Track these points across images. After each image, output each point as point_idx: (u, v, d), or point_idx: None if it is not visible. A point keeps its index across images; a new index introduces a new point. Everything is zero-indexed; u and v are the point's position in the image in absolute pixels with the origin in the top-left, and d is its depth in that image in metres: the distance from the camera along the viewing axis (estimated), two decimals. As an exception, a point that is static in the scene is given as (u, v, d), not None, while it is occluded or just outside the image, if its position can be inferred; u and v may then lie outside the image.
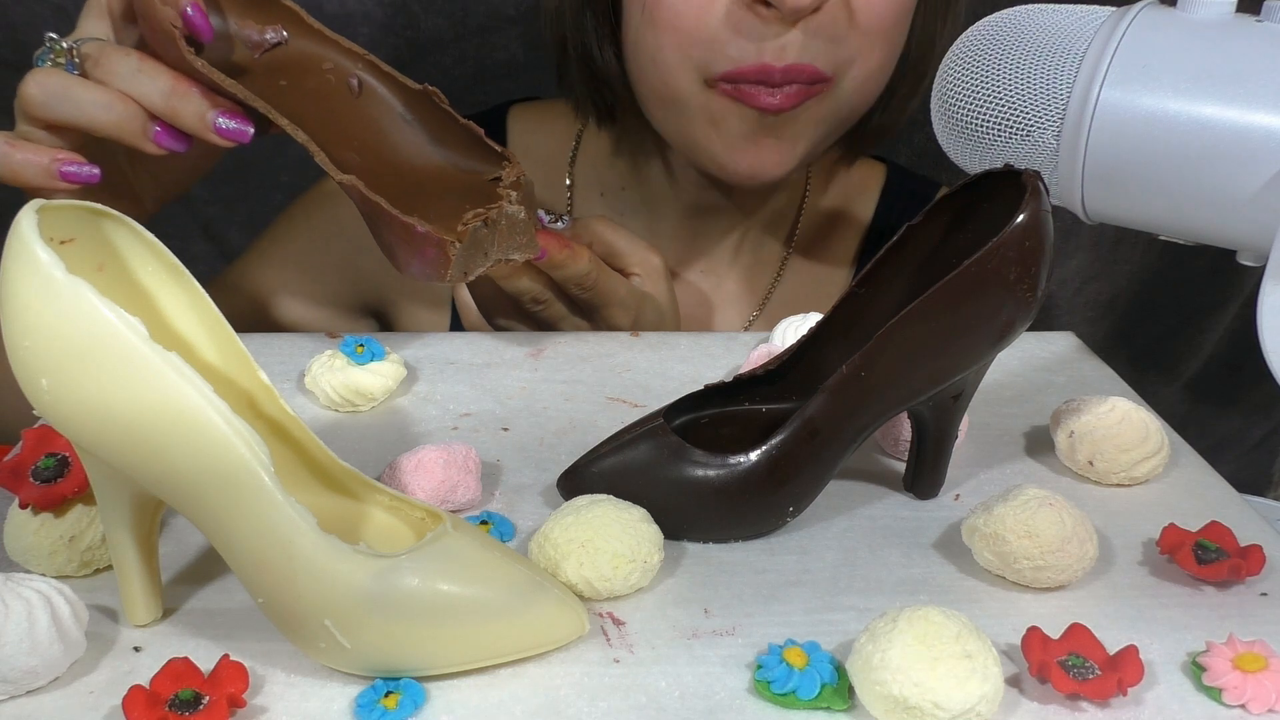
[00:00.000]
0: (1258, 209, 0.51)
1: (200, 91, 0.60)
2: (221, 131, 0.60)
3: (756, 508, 0.50)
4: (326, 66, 0.64)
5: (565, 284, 0.68)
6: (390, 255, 0.59)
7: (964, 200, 0.52)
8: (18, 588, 0.41)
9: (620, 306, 0.71)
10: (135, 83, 0.60)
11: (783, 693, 0.41)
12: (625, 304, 0.71)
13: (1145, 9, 0.55)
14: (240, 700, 0.39)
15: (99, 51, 0.60)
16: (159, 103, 0.60)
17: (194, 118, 0.60)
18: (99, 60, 0.60)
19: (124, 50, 0.60)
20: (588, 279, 0.68)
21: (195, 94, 0.60)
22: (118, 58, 0.60)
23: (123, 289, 0.43)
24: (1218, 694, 0.42)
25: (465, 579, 0.42)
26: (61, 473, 0.47)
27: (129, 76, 0.60)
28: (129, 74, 0.60)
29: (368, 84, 0.64)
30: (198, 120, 0.60)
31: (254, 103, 0.59)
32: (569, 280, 0.68)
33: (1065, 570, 0.47)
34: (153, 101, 0.60)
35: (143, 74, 0.60)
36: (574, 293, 0.69)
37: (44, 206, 0.39)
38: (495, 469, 0.56)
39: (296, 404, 0.61)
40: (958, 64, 0.60)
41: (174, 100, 0.59)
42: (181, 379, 0.39)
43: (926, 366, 0.50)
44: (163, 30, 0.59)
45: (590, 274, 0.68)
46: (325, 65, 0.64)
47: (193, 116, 0.60)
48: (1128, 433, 0.56)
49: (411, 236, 0.56)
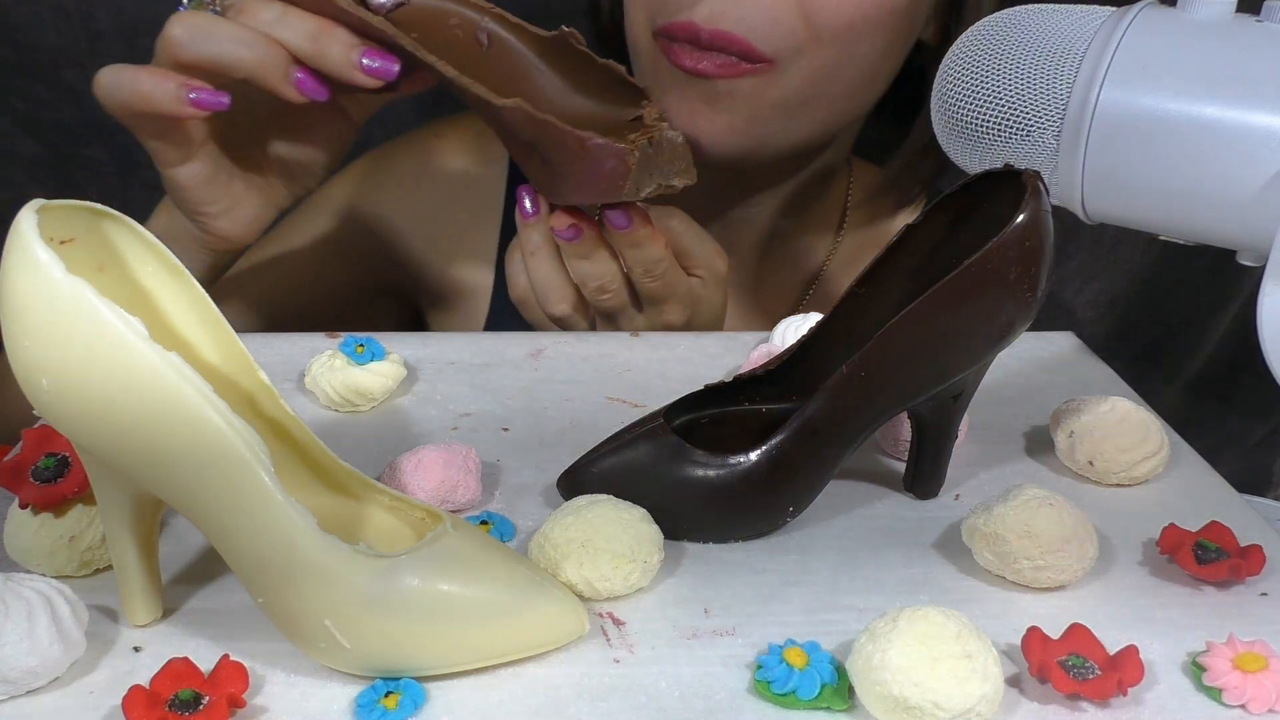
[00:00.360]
0: (1258, 209, 0.51)
1: (345, 32, 0.60)
2: (368, 70, 0.61)
3: (756, 508, 0.50)
4: (453, 22, 0.64)
5: (635, 268, 0.66)
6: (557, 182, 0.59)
7: (964, 200, 0.52)
8: (18, 588, 0.41)
9: (679, 303, 0.70)
10: (280, 26, 0.60)
11: (783, 693, 0.41)
12: (684, 302, 0.70)
13: (1145, 9, 0.55)
14: (240, 700, 0.39)
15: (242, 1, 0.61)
16: (305, 45, 0.60)
17: (340, 58, 0.60)
18: (243, 7, 0.61)
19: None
20: (659, 266, 0.67)
21: (341, 34, 0.60)
22: (259, 4, 0.61)
23: (123, 289, 0.43)
24: (1218, 694, 0.42)
25: (465, 579, 0.42)
26: (61, 473, 0.47)
27: (274, 21, 0.60)
28: (274, 19, 0.61)
29: (496, 36, 0.64)
30: (344, 60, 0.60)
31: (402, 40, 0.59)
32: (641, 263, 0.66)
33: (1065, 570, 0.47)
34: (298, 44, 0.60)
35: (287, 18, 0.60)
36: (642, 280, 0.67)
37: (44, 206, 0.39)
38: (495, 469, 0.56)
39: (296, 404, 0.61)
40: (958, 64, 0.60)
41: (320, 41, 0.60)
42: (181, 379, 0.39)
43: (926, 366, 0.50)
44: None
45: (663, 262, 0.67)
46: (451, 21, 0.64)
47: (339, 57, 0.60)
48: (1128, 433, 0.56)
49: (587, 151, 0.56)
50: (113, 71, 0.61)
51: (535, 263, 0.68)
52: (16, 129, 1.02)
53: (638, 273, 0.67)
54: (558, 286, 0.68)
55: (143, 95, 0.60)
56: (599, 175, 0.57)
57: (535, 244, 0.67)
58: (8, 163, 1.03)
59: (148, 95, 0.60)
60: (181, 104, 0.60)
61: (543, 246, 0.67)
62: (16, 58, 0.98)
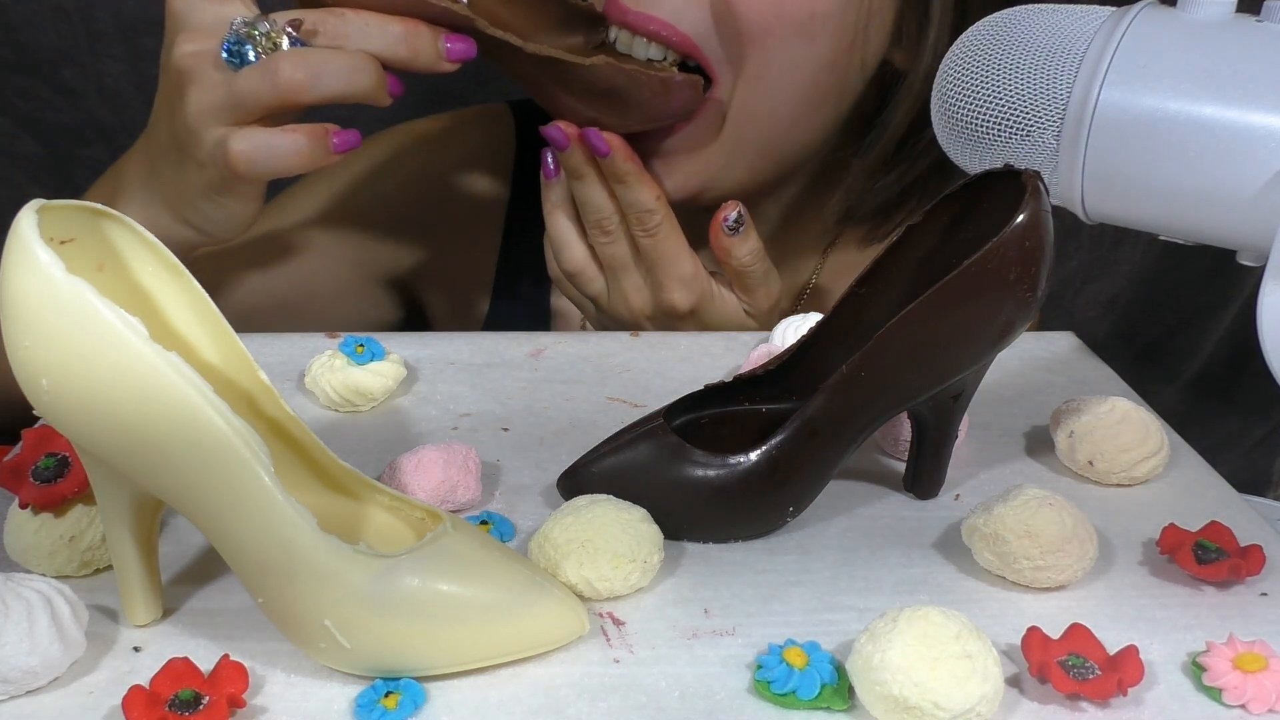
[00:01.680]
0: (1258, 209, 0.51)
1: (426, 25, 0.60)
2: (452, 55, 0.61)
3: (756, 508, 0.50)
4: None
5: (629, 214, 0.69)
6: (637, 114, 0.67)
7: (964, 200, 0.52)
8: (18, 588, 0.41)
9: (681, 283, 0.71)
10: (369, 38, 0.59)
11: (783, 693, 0.41)
12: (687, 283, 0.71)
13: (1145, 9, 0.55)
14: (240, 700, 0.39)
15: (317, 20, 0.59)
16: (400, 50, 0.60)
17: (430, 53, 0.60)
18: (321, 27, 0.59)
19: (334, 11, 0.60)
20: (650, 218, 0.69)
21: (425, 29, 0.60)
22: (336, 20, 0.59)
23: (123, 289, 0.43)
24: (1218, 694, 0.42)
25: (465, 579, 0.42)
26: (61, 473, 0.47)
27: (360, 34, 0.59)
28: (359, 31, 0.59)
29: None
30: (433, 54, 0.60)
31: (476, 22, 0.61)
32: (632, 208, 0.69)
33: (1065, 570, 0.47)
34: (394, 51, 0.60)
35: (372, 27, 0.59)
36: (636, 233, 0.70)
37: (44, 206, 0.39)
38: (495, 469, 0.56)
39: (296, 404, 0.61)
40: (957, 64, 0.60)
41: (412, 42, 0.60)
42: (181, 379, 0.39)
43: (926, 366, 0.50)
44: None
45: (655, 214, 0.69)
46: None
47: (429, 52, 0.60)
48: (1128, 433, 0.56)
49: (669, 87, 0.67)
50: (249, 138, 0.59)
51: (554, 219, 0.72)
52: (16, 129, 1.02)
53: (631, 222, 0.70)
54: (571, 240, 0.73)
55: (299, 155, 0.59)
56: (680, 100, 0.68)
57: (555, 201, 0.72)
58: (8, 163, 1.03)
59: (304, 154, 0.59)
60: (330, 154, 0.60)
61: (561, 204, 0.72)
62: (16, 58, 0.98)
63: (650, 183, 0.69)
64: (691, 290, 0.71)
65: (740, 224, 0.69)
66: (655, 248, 0.70)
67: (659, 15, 0.69)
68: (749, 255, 0.70)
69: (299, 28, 0.59)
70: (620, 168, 0.68)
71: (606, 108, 0.67)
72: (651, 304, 0.73)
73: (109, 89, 1.01)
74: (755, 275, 0.71)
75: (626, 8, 0.69)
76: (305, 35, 0.59)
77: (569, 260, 0.73)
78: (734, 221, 0.69)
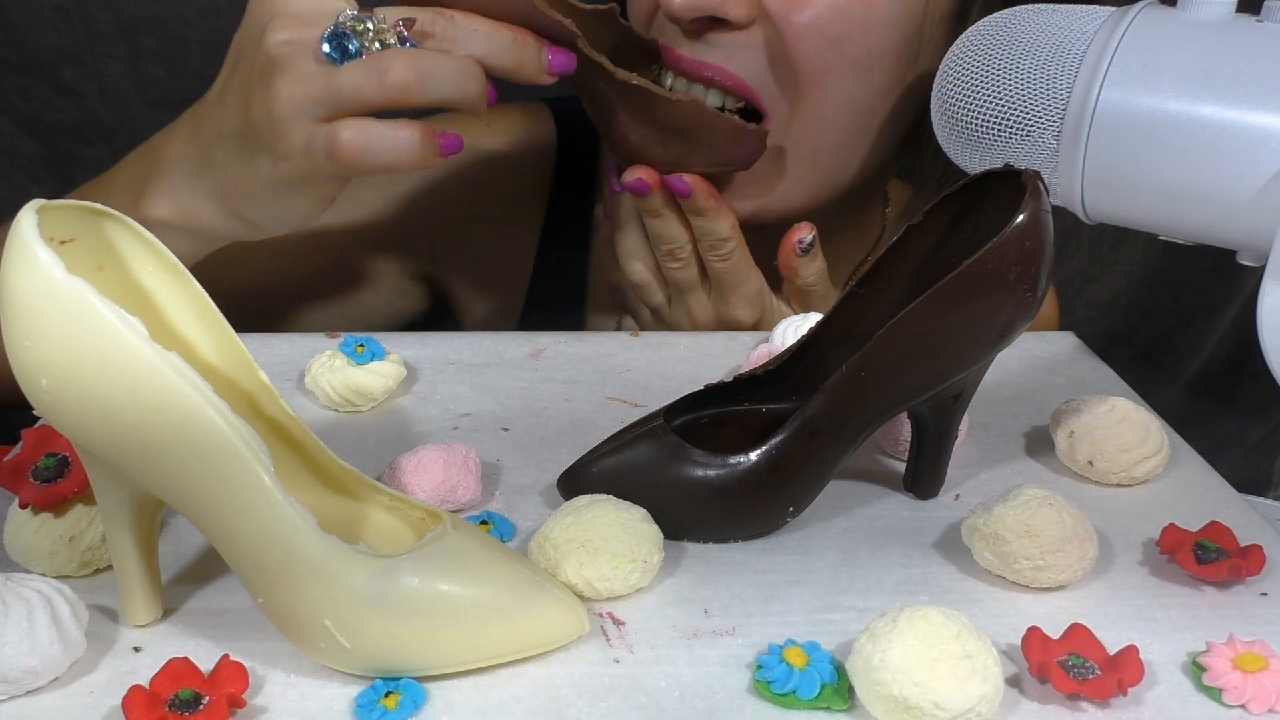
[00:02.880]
0: (1258, 209, 0.51)
1: (533, 35, 0.59)
2: (554, 68, 0.60)
3: (756, 508, 0.50)
4: None
5: (703, 241, 0.69)
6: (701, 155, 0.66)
7: (964, 200, 0.52)
8: (18, 588, 0.41)
9: (748, 301, 0.71)
10: (478, 43, 0.59)
11: (783, 693, 0.41)
12: (753, 300, 0.71)
13: (1145, 9, 0.55)
14: (240, 700, 0.39)
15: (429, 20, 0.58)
16: (506, 58, 0.59)
17: (535, 63, 0.59)
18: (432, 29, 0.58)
19: (445, 13, 0.59)
20: (725, 245, 0.69)
21: (532, 39, 0.59)
22: (446, 22, 0.59)
23: (123, 289, 0.43)
24: (1218, 694, 0.42)
25: (465, 579, 0.42)
26: (61, 473, 0.47)
27: (469, 39, 0.59)
28: (468, 36, 0.59)
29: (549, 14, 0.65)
30: (537, 65, 0.60)
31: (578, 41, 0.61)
32: (707, 237, 0.69)
33: (1065, 570, 0.47)
34: (500, 58, 0.59)
35: (481, 33, 0.59)
36: (709, 257, 0.70)
37: (44, 206, 0.39)
38: (495, 469, 0.56)
39: (296, 404, 0.61)
40: (957, 64, 0.60)
41: (518, 50, 0.59)
42: (181, 379, 0.39)
43: (926, 366, 0.50)
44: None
45: (730, 241, 0.69)
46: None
47: (534, 63, 0.59)
48: (1128, 433, 0.56)
49: (742, 135, 0.66)
50: (358, 131, 0.58)
51: (622, 233, 0.72)
52: (16, 129, 1.02)
53: (704, 247, 0.70)
54: (639, 253, 0.73)
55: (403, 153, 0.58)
56: (743, 151, 0.67)
57: (623, 216, 0.72)
58: (8, 163, 1.03)
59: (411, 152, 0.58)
60: (435, 154, 0.59)
61: (630, 219, 0.72)
62: (16, 58, 0.98)
63: (727, 212, 0.69)
64: (756, 307, 0.72)
65: (812, 247, 0.69)
66: (726, 270, 0.70)
67: (712, 61, 0.69)
68: (815, 275, 0.70)
69: (411, 27, 0.58)
70: (702, 204, 0.68)
71: (677, 145, 0.66)
72: (714, 319, 0.73)
73: (109, 89, 1.01)
74: (818, 294, 0.71)
75: (681, 55, 0.69)
76: (417, 36, 0.58)
77: (635, 273, 0.73)
78: (808, 244, 0.69)
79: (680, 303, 0.73)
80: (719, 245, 0.69)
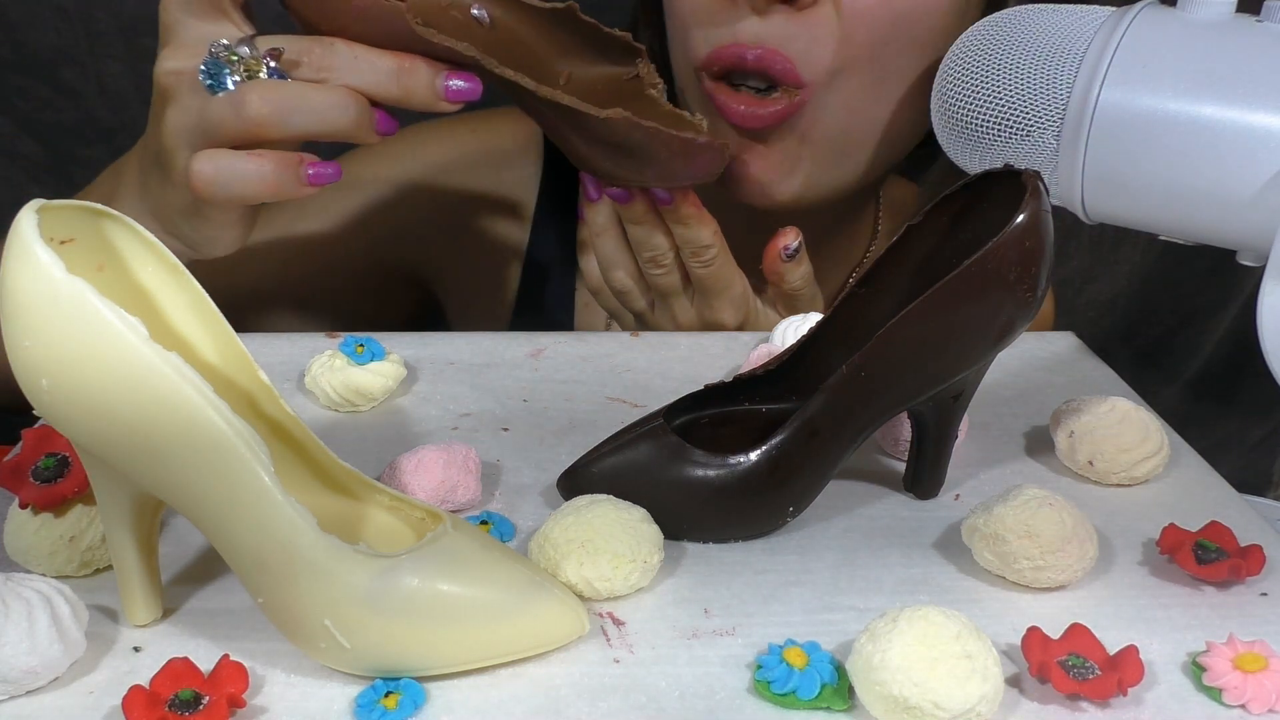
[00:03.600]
0: (1258, 209, 0.51)
1: (425, 62, 0.57)
2: (452, 94, 0.58)
3: (756, 508, 0.50)
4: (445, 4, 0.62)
5: (685, 248, 0.68)
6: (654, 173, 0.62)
7: (964, 200, 0.52)
8: (18, 588, 0.41)
9: (732, 304, 0.71)
10: (357, 73, 0.56)
11: (783, 693, 0.41)
12: (737, 304, 0.71)
13: (1145, 9, 0.55)
14: (240, 700, 0.39)
15: (301, 49, 0.57)
16: (390, 87, 0.57)
17: (426, 91, 0.57)
18: (305, 58, 0.57)
19: (324, 41, 0.57)
20: (707, 252, 0.68)
21: (422, 66, 0.57)
22: (323, 50, 0.57)
23: (123, 289, 0.43)
24: (1218, 694, 0.42)
25: (465, 579, 0.42)
26: (61, 473, 0.47)
27: (347, 68, 0.57)
28: (346, 65, 0.57)
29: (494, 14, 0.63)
30: (429, 93, 0.57)
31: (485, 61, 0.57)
32: (689, 244, 0.68)
33: (1065, 570, 0.47)
34: (383, 87, 0.57)
35: (361, 61, 0.56)
36: (691, 264, 0.69)
37: (44, 206, 0.39)
38: (495, 469, 0.56)
39: (296, 404, 0.61)
40: (958, 64, 0.60)
41: (404, 79, 0.57)
42: (181, 379, 0.39)
43: (926, 366, 0.50)
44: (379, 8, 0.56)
45: (711, 248, 0.68)
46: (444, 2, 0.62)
47: (425, 90, 0.57)
48: (1128, 433, 0.56)
49: (690, 149, 0.61)
50: (214, 161, 0.57)
51: (601, 241, 0.71)
52: (16, 129, 1.02)
53: (686, 254, 0.69)
54: (621, 260, 0.71)
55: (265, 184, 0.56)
56: (696, 167, 0.62)
57: (601, 225, 0.70)
58: (8, 163, 1.03)
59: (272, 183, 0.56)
60: (302, 184, 0.57)
61: (609, 227, 0.70)
62: (16, 58, 0.98)
63: (709, 219, 0.68)
64: (740, 310, 0.71)
65: (798, 252, 0.69)
66: (709, 275, 0.69)
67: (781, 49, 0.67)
68: (800, 280, 0.70)
69: (279, 57, 0.56)
70: (684, 213, 0.66)
71: (623, 161, 0.63)
72: (698, 322, 0.73)
73: (109, 89, 1.01)
74: (804, 297, 0.71)
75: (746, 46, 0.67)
76: (286, 66, 0.56)
77: (616, 280, 0.72)
78: (793, 250, 0.68)
79: (664, 308, 0.73)
80: (701, 252, 0.68)
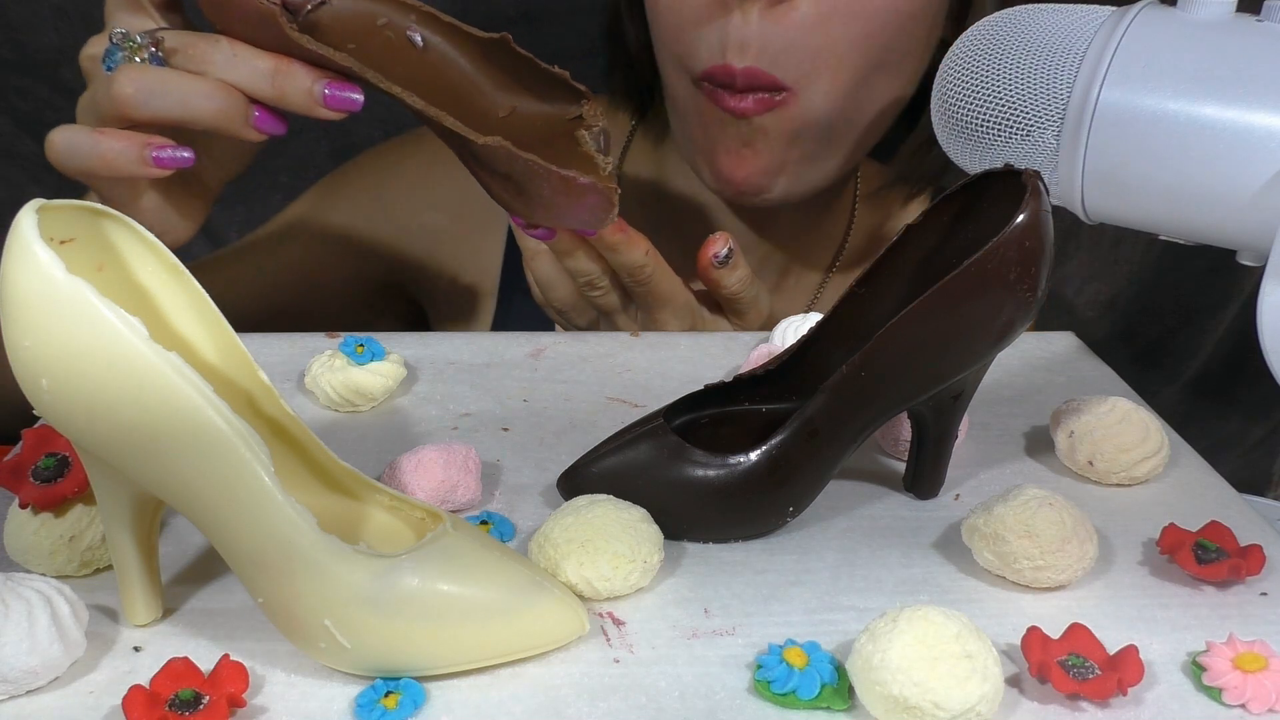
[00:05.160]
0: (1258, 209, 0.51)
1: (303, 67, 0.58)
2: (331, 102, 0.58)
3: (756, 508, 0.50)
4: (381, 23, 0.62)
5: (620, 271, 0.68)
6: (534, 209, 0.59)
7: (964, 200, 0.52)
8: (18, 588, 0.41)
9: (675, 315, 0.70)
10: (233, 69, 0.57)
11: (783, 693, 0.41)
12: (680, 314, 0.70)
13: (1145, 9, 0.55)
14: (240, 700, 0.39)
15: (183, 42, 0.58)
16: (264, 86, 0.58)
17: (302, 95, 0.58)
18: (186, 50, 0.58)
19: (210, 37, 0.58)
20: (642, 271, 0.67)
21: (299, 70, 0.57)
22: (206, 45, 0.58)
23: (123, 289, 0.43)
24: (1218, 694, 0.42)
25: (465, 579, 0.42)
26: (61, 473, 0.47)
27: (225, 63, 0.58)
28: (224, 61, 0.58)
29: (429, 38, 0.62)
30: (305, 97, 0.58)
31: (365, 74, 0.57)
32: (623, 267, 0.67)
33: (1065, 570, 0.47)
34: (257, 86, 0.58)
35: (240, 59, 0.57)
36: (629, 283, 0.68)
37: (44, 206, 0.39)
38: (495, 469, 0.56)
39: (296, 404, 0.61)
40: (958, 64, 0.60)
41: (279, 80, 0.58)
42: (181, 379, 0.39)
43: (926, 366, 0.50)
44: (258, 11, 0.56)
45: (645, 267, 0.67)
46: (379, 22, 0.62)
47: (300, 94, 0.58)
48: (1128, 433, 0.56)
49: (571, 188, 0.56)
50: (66, 134, 0.58)
51: (537, 264, 0.70)
52: (16, 129, 1.02)
53: (622, 275, 0.68)
54: (558, 282, 0.70)
55: (104, 160, 0.57)
56: (581, 209, 0.57)
57: (532, 249, 0.70)
58: (8, 163, 1.03)
59: (110, 160, 0.57)
60: (145, 165, 0.58)
61: (540, 250, 0.70)
62: (16, 58, 0.98)
63: (639, 239, 0.66)
64: (684, 319, 0.71)
65: (729, 258, 0.68)
66: (648, 293, 0.69)
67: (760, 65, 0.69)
68: (738, 284, 0.69)
69: (160, 44, 0.58)
70: (610, 241, 0.65)
71: (516, 196, 0.59)
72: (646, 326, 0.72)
73: (108, 89, 1.01)
74: (745, 300, 0.70)
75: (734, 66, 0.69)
76: (166, 54, 0.58)
77: (558, 300, 0.71)
78: (724, 257, 0.67)
79: (609, 323, 0.72)
80: (636, 273, 0.67)
